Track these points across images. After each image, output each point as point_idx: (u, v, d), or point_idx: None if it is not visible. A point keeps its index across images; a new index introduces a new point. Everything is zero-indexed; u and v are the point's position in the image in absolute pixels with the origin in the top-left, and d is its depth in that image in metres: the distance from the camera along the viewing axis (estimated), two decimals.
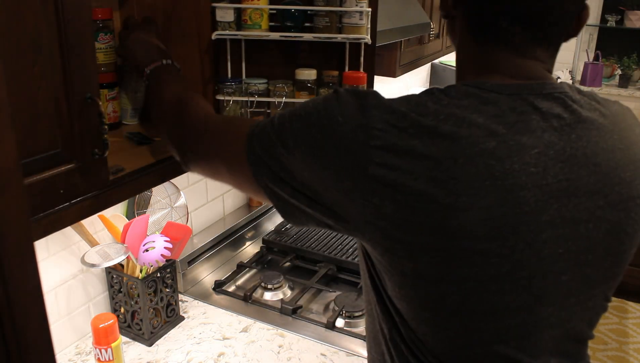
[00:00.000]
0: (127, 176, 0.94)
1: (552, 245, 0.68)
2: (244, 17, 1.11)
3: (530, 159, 0.66)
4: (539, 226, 0.67)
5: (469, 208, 0.64)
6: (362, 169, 0.66)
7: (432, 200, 0.64)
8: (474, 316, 0.70)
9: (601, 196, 0.70)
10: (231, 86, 1.12)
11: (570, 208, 0.68)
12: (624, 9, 3.91)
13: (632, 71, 3.90)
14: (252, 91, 1.14)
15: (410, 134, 0.65)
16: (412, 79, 3.22)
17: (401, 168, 0.64)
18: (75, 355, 1.32)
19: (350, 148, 0.67)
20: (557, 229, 0.68)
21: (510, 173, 0.64)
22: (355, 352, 1.34)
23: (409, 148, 0.64)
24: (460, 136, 0.64)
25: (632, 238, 0.78)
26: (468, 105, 0.67)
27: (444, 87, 0.72)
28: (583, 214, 0.70)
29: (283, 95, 1.13)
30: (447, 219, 0.64)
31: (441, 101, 0.69)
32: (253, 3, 1.09)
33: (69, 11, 0.82)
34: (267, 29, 1.13)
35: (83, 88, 0.87)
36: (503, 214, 0.65)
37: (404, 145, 0.64)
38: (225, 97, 1.13)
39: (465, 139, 0.64)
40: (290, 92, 1.15)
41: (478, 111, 0.67)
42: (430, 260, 0.67)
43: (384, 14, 1.64)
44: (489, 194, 0.64)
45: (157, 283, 1.36)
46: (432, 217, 0.64)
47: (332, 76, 1.18)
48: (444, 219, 0.64)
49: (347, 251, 1.75)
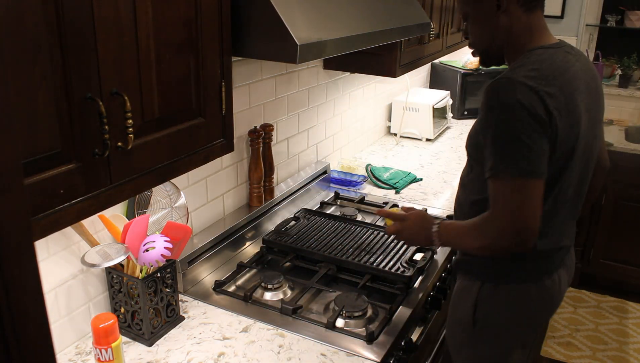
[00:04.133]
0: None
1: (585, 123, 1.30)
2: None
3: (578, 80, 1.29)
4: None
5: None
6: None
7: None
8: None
9: (595, 96, 1.36)
10: None
11: (588, 101, 1.31)
12: (624, 9, 3.91)
13: (632, 71, 3.90)
14: None
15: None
16: (412, 79, 3.22)
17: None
18: (75, 355, 1.32)
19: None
20: (589, 112, 1.31)
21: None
22: (356, 352, 1.34)
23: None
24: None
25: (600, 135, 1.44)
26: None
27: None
28: (592, 106, 1.34)
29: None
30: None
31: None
32: None
33: (69, 11, 0.82)
34: None
35: (83, 88, 0.87)
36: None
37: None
38: None
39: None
40: None
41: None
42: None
43: (384, 14, 1.64)
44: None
45: (157, 283, 1.36)
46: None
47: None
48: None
49: (347, 251, 1.75)
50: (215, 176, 1.75)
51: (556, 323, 3.12)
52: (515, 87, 1.19)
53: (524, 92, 1.18)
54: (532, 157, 1.18)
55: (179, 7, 1.03)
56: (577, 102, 1.26)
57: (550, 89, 1.20)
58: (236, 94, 1.72)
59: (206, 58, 1.13)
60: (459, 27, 2.68)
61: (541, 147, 1.19)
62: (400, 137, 3.01)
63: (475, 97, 3.36)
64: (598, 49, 4.00)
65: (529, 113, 1.17)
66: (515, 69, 1.24)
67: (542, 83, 1.20)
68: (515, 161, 1.18)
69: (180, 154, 1.11)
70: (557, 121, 1.20)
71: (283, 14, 1.19)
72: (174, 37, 1.04)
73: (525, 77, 1.20)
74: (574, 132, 1.26)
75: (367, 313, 1.48)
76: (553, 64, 1.25)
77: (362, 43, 1.47)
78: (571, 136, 1.25)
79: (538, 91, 1.18)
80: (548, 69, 1.23)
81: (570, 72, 1.27)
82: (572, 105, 1.24)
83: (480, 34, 1.39)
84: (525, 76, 1.21)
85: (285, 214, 2.03)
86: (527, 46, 1.31)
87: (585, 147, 1.32)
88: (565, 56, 1.29)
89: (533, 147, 1.18)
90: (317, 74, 2.23)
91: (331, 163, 2.46)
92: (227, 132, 1.24)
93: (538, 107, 1.18)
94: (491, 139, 1.22)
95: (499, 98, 1.21)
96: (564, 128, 1.22)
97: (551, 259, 1.39)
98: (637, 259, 3.29)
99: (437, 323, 1.85)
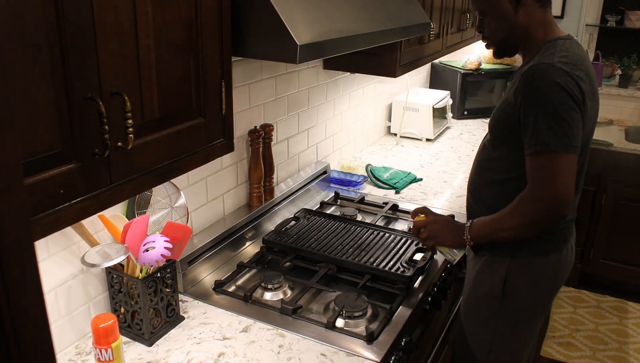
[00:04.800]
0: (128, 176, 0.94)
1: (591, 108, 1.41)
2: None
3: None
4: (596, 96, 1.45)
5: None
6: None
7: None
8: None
9: (596, 86, 1.47)
10: None
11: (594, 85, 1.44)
12: (624, 9, 3.91)
13: (632, 71, 3.90)
14: None
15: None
16: (412, 79, 3.22)
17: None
18: (75, 355, 1.32)
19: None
20: (593, 98, 1.42)
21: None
22: (356, 352, 1.34)
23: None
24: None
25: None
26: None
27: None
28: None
29: None
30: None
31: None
32: None
33: (69, 11, 0.82)
34: None
35: (83, 88, 0.87)
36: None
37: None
38: None
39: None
40: None
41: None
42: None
43: (384, 14, 1.64)
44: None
45: (157, 283, 1.36)
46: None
47: None
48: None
49: (347, 251, 1.75)
50: (215, 176, 1.75)
51: (556, 323, 3.12)
52: (554, 71, 1.32)
53: (561, 75, 1.32)
54: (572, 133, 1.32)
55: (179, 7, 1.03)
56: (596, 87, 1.44)
57: (579, 73, 1.34)
58: (236, 94, 1.72)
59: (206, 58, 1.13)
60: (458, 27, 2.68)
61: (578, 124, 1.33)
62: (400, 137, 3.01)
63: (475, 97, 3.36)
64: (598, 49, 4.00)
65: (567, 94, 1.31)
66: (547, 56, 1.37)
67: (574, 68, 1.34)
68: (559, 137, 1.31)
69: (180, 154, 1.11)
70: (587, 101, 1.35)
71: (283, 14, 1.18)
72: (174, 37, 1.04)
73: (560, 62, 1.34)
74: (595, 111, 1.44)
75: (367, 313, 1.48)
76: (575, 52, 1.40)
77: (362, 43, 1.47)
78: (593, 116, 1.43)
79: (572, 75, 1.33)
80: (574, 57, 1.38)
81: (587, 60, 1.43)
82: (594, 88, 1.42)
83: (497, 28, 1.50)
84: (559, 61, 1.34)
85: (285, 214, 2.03)
86: (543, 38, 1.45)
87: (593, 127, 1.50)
88: (579, 46, 1.46)
89: (572, 124, 1.32)
90: (317, 74, 2.23)
91: (331, 163, 2.46)
92: (227, 132, 1.24)
93: (574, 88, 1.32)
94: (534, 118, 1.33)
95: (541, 81, 1.33)
96: (590, 108, 1.39)
97: (569, 228, 1.55)
98: (637, 259, 3.29)
99: (437, 323, 1.85)
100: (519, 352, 1.60)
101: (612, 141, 3.33)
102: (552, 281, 1.55)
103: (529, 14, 1.44)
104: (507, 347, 1.58)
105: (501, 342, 1.57)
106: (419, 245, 1.79)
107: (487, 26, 1.52)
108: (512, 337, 1.57)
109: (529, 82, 1.35)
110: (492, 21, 1.50)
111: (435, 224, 1.58)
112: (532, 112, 1.34)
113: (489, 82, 3.39)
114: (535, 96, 1.34)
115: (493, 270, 1.53)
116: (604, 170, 3.25)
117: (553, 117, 1.31)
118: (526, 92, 1.35)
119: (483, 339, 1.59)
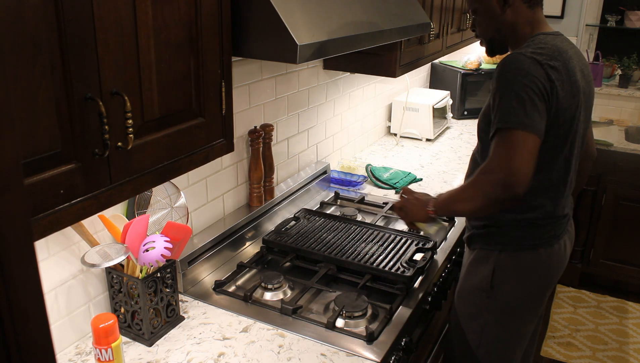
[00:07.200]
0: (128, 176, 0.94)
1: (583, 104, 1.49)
2: None
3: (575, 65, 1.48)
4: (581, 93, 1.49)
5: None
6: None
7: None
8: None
9: (588, 82, 1.53)
10: None
11: (583, 84, 1.49)
12: (624, 9, 3.91)
13: (632, 71, 3.90)
14: None
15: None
16: (412, 79, 3.22)
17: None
18: (75, 355, 1.32)
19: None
20: (584, 95, 1.49)
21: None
22: (355, 352, 1.34)
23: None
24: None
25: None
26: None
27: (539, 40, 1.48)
28: (586, 90, 1.51)
29: None
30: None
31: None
32: None
33: (69, 11, 0.82)
34: None
35: (83, 88, 0.87)
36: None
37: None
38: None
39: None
40: None
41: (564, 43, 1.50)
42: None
43: (384, 14, 1.64)
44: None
45: (157, 283, 1.36)
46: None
47: None
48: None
49: (347, 251, 1.75)
50: (215, 176, 1.75)
51: (556, 323, 3.12)
52: (523, 59, 1.38)
53: (529, 63, 1.37)
54: (533, 116, 1.34)
55: (179, 7, 1.03)
56: (577, 78, 1.46)
57: (553, 63, 1.40)
58: (236, 94, 1.72)
59: (206, 58, 1.13)
60: (458, 27, 2.68)
61: (538, 107, 1.35)
62: (400, 137, 3.01)
63: (475, 97, 3.36)
64: (598, 49, 4.00)
65: (532, 79, 1.35)
66: (523, 48, 1.45)
67: (547, 58, 1.39)
68: (518, 116, 1.34)
69: (180, 154, 1.11)
70: (558, 90, 1.39)
71: (283, 14, 1.19)
72: (174, 37, 1.04)
73: (532, 53, 1.40)
74: (575, 101, 1.45)
75: (367, 313, 1.48)
76: (555, 45, 1.46)
77: (362, 43, 1.47)
78: (572, 105, 1.45)
79: (542, 64, 1.38)
80: (551, 48, 1.43)
81: (568, 54, 1.47)
82: (572, 78, 1.44)
83: (486, 26, 1.59)
84: (532, 52, 1.40)
85: (285, 215, 2.03)
86: (529, 35, 1.52)
87: (584, 124, 1.53)
88: (562, 41, 1.51)
89: (534, 107, 1.34)
90: (317, 74, 2.23)
91: (331, 163, 2.46)
92: (227, 133, 1.24)
93: (541, 76, 1.36)
94: (498, 100, 1.38)
95: (508, 67, 1.39)
96: (566, 97, 1.42)
97: (559, 224, 1.57)
98: (637, 259, 3.29)
99: (437, 323, 1.85)
100: (509, 347, 1.62)
101: (612, 141, 3.33)
102: (542, 277, 1.57)
103: (517, 13, 1.52)
104: (495, 340, 1.61)
105: (489, 334, 1.60)
106: (419, 245, 1.80)
107: (479, 25, 1.62)
108: (500, 330, 1.59)
109: (499, 70, 1.41)
110: (483, 20, 1.59)
111: (408, 203, 1.63)
112: (497, 95, 1.39)
113: (489, 82, 3.38)
114: (502, 81, 1.39)
115: (482, 263, 1.58)
116: (604, 170, 3.25)
117: (515, 98, 1.34)
118: (496, 79, 1.41)
119: (473, 330, 1.62)
